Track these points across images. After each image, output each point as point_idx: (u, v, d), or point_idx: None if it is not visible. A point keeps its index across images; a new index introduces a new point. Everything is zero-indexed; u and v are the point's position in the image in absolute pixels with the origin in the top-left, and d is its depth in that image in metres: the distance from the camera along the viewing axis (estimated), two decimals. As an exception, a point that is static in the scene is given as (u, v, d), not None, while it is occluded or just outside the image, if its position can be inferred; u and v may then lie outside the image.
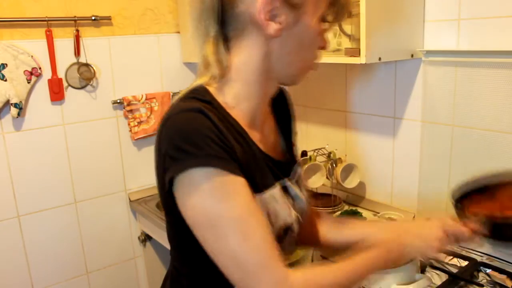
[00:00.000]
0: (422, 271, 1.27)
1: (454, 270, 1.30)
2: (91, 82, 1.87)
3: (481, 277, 1.27)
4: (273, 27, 0.76)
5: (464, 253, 1.38)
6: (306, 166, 1.74)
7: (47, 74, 1.77)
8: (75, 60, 1.82)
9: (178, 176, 0.70)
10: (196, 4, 0.80)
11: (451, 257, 1.36)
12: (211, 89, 0.81)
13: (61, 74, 1.80)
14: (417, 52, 1.46)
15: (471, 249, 1.39)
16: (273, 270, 0.70)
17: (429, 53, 1.46)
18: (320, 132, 1.94)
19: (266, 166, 0.83)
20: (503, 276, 1.24)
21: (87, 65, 1.84)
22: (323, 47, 0.84)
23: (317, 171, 1.79)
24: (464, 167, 1.43)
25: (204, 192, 0.69)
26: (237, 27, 0.79)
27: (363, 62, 1.31)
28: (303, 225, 0.91)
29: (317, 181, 1.80)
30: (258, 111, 0.85)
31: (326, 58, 1.57)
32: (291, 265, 1.37)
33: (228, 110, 0.80)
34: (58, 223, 1.88)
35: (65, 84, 1.82)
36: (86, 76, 1.85)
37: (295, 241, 0.90)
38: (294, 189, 0.89)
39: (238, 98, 0.81)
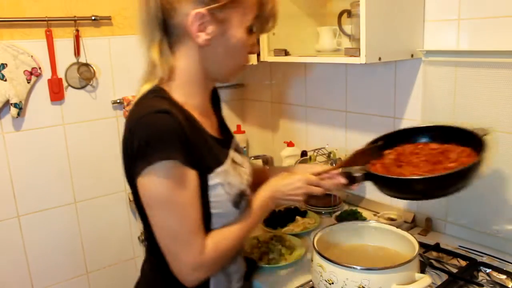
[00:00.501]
0: (422, 271, 1.27)
1: (454, 270, 1.30)
2: (91, 82, 1.87)
3: (481, 277, 1.27)
4: (202, 37, 0.92)
5: (464, 253, 1.38)
6: (306, 166, 1.74)
7: (47, 74, 1.77)
8: (75, 60, 1.83)
9: (148, 166, 0.84)
10: (142, 12, 0.93)
11: (451, 257, 1.36)
12: (166, 89, 0.96)
13: (61, 74, 1.80)
14: (417, 52, 1.46)
15: (472, 249, 1.39)
16: (194, 246, 0.89)
17: (429, 53, 1.46)
18: (320, 132, 1.94)
19: (216, 147, 1.00)
20: (503, 276, 1.25)
21: (87, 65, 1.84)
22: (252, 52, 1.01)
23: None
24: (464, 167, 1.43)
25: (162, 178, 0.85)
26: (176, 35, 0.94)
27: (363, 62, 1.31)
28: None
29: (317, 181, 1.79)
30: (204, 103, 1.04)
31: (326, 58, 1.57)
32: (291, 265, 1.37)
33: (182, 106, 0.95)
34: (58, 223, 1.88)
35: (65, 84, 1.82)
36: (86, 76, 1.85)
37: (249, 202, 1.06)
38: (238, 156, 1.10)
39: (187, 95, 0.98)
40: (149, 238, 1.05)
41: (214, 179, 0.95)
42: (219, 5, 0.90)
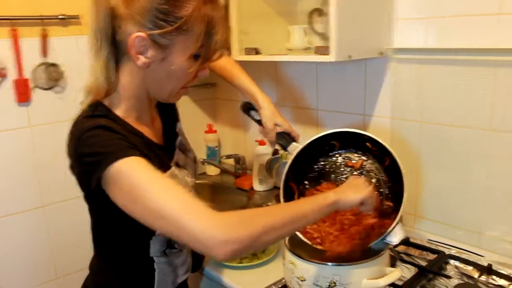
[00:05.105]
0: (393, 265, 1.30)
1: (424, 263, 1.33)
2: (59, 83, 1.83)
3: (449, 269, 1.30)
4: (141, 60, 0.92)
5: (433, 246, 1.41)
6: (278, 164, 1.75)
7: (12, 74, 1.72)
8: (42, 60, 1.78)
9: (103, 174, 0.83)
10: (92, 24, 0.93)
11: (421, 250, 1.39)
12: (106, 103, 0.97)
13: (27, 74, 1.75)
14: (386, 50, 1.49)
15: (440, 243, 1.43)
16: (198, 208, 0.78)
17: (397, 51, 1.49)
18: (292, 130, 1.95)
19: (161, 154, 1.04)
20: (470, 267, 1.28)
21: (54, 65, 1.80)
22: (198, 77, 1.00)
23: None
24: (433, 162, 1.46)
25: (126, 173, 0.82)
26: (121, 50, 0.94)
27: (333, 60, 1.32)
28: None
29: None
30: (146, 114, 1.04)
31: (296, 56, 1.58)
32: (263, 264, 1.37)
33: (124, 119, 0.98)
34: (25, 228, 1.82)
35: (31, 84, 1.77)
36: (54, 76, 1.80)
37: None
38: (181, 159, 1.12)
39: (129, 108, 0.99)
40: (97, 239, 1.12)
41: None
42: (161, 32, 0.89)
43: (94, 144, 0.86)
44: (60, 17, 1.78)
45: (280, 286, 1.24)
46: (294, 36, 1.62)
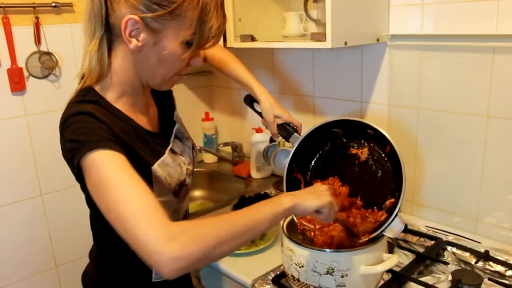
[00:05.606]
0: (390, 251, 1.30)
1: (421, 250, 1.33)
2: (54, 71, 1.82)
3: (447, 255, 1.31)
4: (134, 43, 0.91)
5: (430, 233, 1.41)
6: (275, 152, 1.74)
7: (6, 63, 1.70)
8: (35, 49, 1.76)
9: (80, 161, 0.83)
10: (87, 6, 0.93)
11: (418, 237, 1.40)
12: (98, 88, 0.97)
13: (21, 63, 1.74)
14: (383, 36, 1.48)
15: (438, 229, 1.43)
16: (153, 217, 0.76)
17: (394, 37, 1.47)
18: (289, 117, 1.94)
19: (153, 141, 1.03)
20: (467, 254, 1.29)
21: (48, 53, 1.79)
22: (191, 64, 1.00)
23: (286, 156, 1.79)
24: (431, 149, 1.46)
25: (97, 165, 0.82)
26: (115, 34, 0.94)
27: (329, 46, 1.31)
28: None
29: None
30: (139, 101, 1.04)
31: (292, 43, 1.57)
32: (261, 251, 1.37)
33: (114, 104, 0.97)
34: (23, 217, 1.83)
35: (26, 73, 1.76)
36: (48, 65, 1.79)
37: (188, 191, 1.14)
38: (178, 146, 1.12)
39: (120, 94, 0.99)
40: (95, 228, 1.13)
41: (155, 172, 0.99)
42: (154, 15, 0.89)
43: (76, 130, 0.87)
44: (53, 4, 1.76)
45: (278, 272, 1.25)
46: (289, 22, 1.60)
